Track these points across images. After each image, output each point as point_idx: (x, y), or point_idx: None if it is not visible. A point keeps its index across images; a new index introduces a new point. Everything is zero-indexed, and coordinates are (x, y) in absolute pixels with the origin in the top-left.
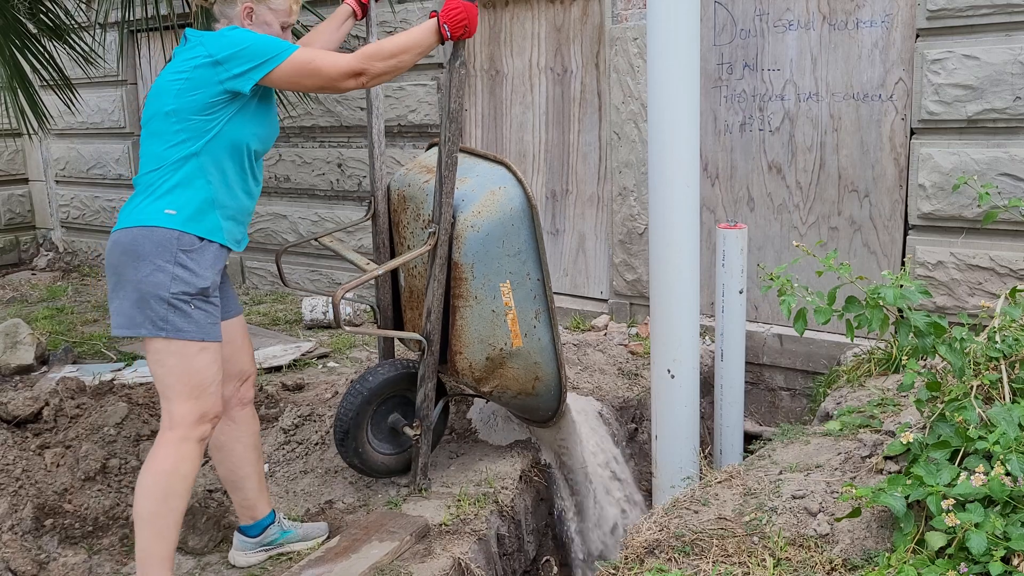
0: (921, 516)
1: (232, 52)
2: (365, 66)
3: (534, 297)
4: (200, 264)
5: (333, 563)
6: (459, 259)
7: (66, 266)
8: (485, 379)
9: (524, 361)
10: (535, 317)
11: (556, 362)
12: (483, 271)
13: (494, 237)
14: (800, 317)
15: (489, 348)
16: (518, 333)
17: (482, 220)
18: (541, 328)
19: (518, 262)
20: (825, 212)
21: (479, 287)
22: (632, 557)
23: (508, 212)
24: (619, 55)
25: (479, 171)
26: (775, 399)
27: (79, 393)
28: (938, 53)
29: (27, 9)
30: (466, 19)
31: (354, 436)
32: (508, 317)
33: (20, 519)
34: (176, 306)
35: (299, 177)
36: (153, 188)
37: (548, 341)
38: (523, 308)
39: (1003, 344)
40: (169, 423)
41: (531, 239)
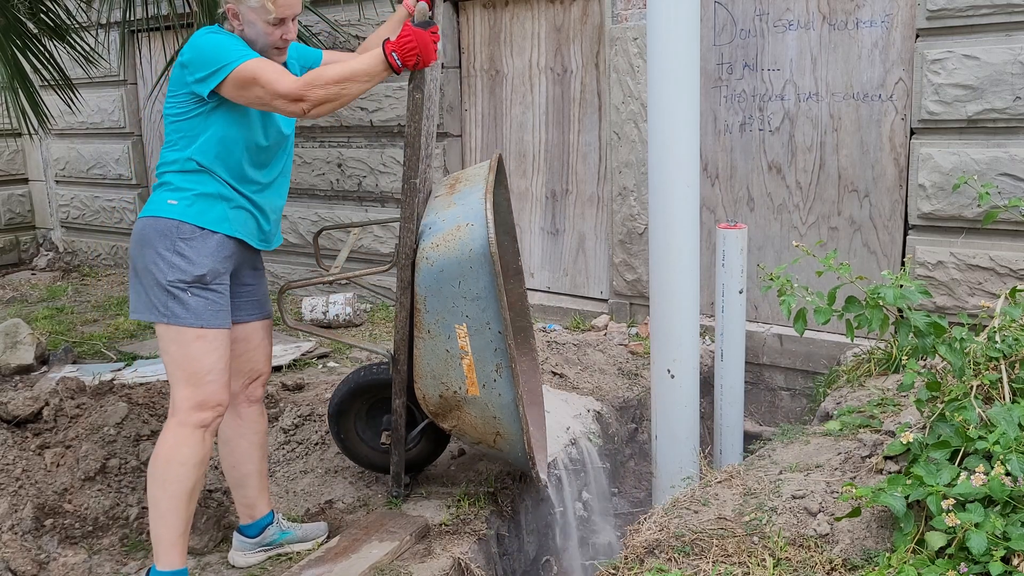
0: (921, 516)
1: (192, 56)
2: (304, 93)
3: (495, 350)
4: (198, 252)
5: (333, 563)
6: (415, 289)
7: (66, 266)
8: (441, 416)
9: (482, 412)
10: (495, 371)
11: (518, 425)
12: (436, 307)
13: (449, 275)
14: (800, 317)
15: (442, 387)
16: (475, 381)
17: (437, 254)
18: (502, 384)
19: (476, 308)
20: (825, 212)
21: (432, 322)
22: (632, 557)
23: (466, 253)
24: (619, 55)
25: (468, 201)
26: (775, 399)
27: (79, 393)
28: (938, 53)
29: (28, 9)
30: (418, 49)
31: (337, 421)
32: (464, 361)
33: (20, 519)
34: (173, 293)
35: (299, 177)
36: (161, 182)
37: (510, 400)
38: (482, 357)
39: (1003, 344)
40: (172, 409)
41: (491, 287)
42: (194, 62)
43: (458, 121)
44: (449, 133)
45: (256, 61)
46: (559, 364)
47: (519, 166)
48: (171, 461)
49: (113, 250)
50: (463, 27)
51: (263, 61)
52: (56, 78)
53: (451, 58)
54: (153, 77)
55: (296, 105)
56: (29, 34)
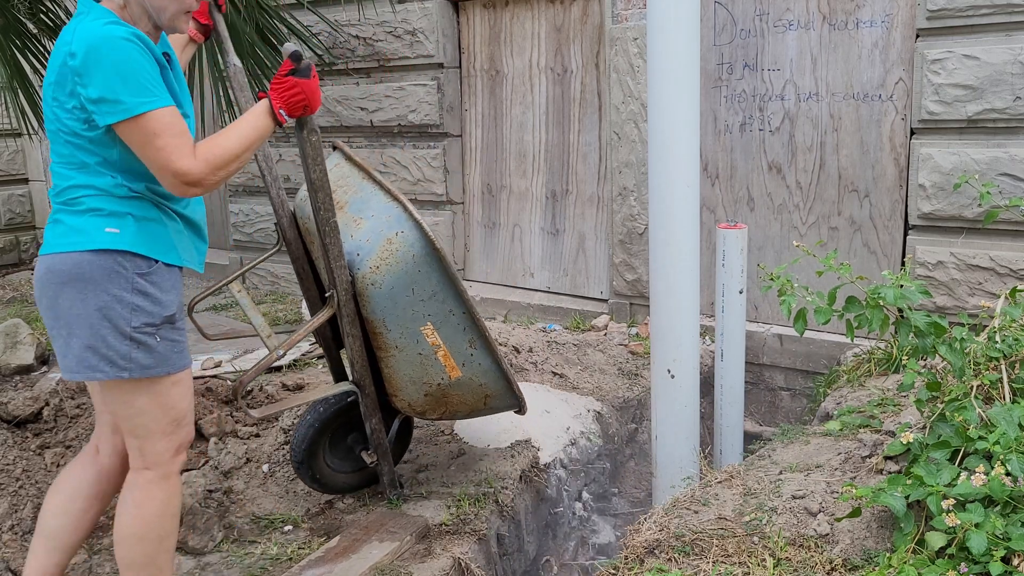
0: (921, 516)
1: (90, 68)
2: (204, 177)
3: (463, 329)
4: (163, 288)
5: (333, 563)
6: (368, 316)
7: None
8: (430, 411)
9: (468, 386)
10: (470, 346)
11: (504, 378)
12: (397, 322)
13: (401, 288)
14: (800, 317)
15: (425, 386)
16: (454, 365)
17: (382, 276)
18: (479, 354)
19: (436, 303)
20: (825, 212)
21: (397, 337)
22: (632, 557)
23: (410, 261)
24: (619, 55)
25: (374, 208)
26: (775, 399)
27: (79, 393)
28: (938, 53)
29: (27, 9)
30: (305, 98)
31: (309, 465)
32: (439, 354)
33: (20, 519)
34: (139, 340)
35: (299, 177)
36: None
37: (490, 363)
38: (454, 342)
39: (1003, 344)
40: (143, 462)
41: (443, 279)
42: (92, 78)
43: (458, 121)
44: (449, 133)
45: (168, 115)
46: (559, 364)
47: (519, 166)
48: (164, 516)
49: None
50: (463, 27)
51: (175, 118)
52: None
53: (451, 58)
54: None
55: (185, 188)
56: (29, 34)
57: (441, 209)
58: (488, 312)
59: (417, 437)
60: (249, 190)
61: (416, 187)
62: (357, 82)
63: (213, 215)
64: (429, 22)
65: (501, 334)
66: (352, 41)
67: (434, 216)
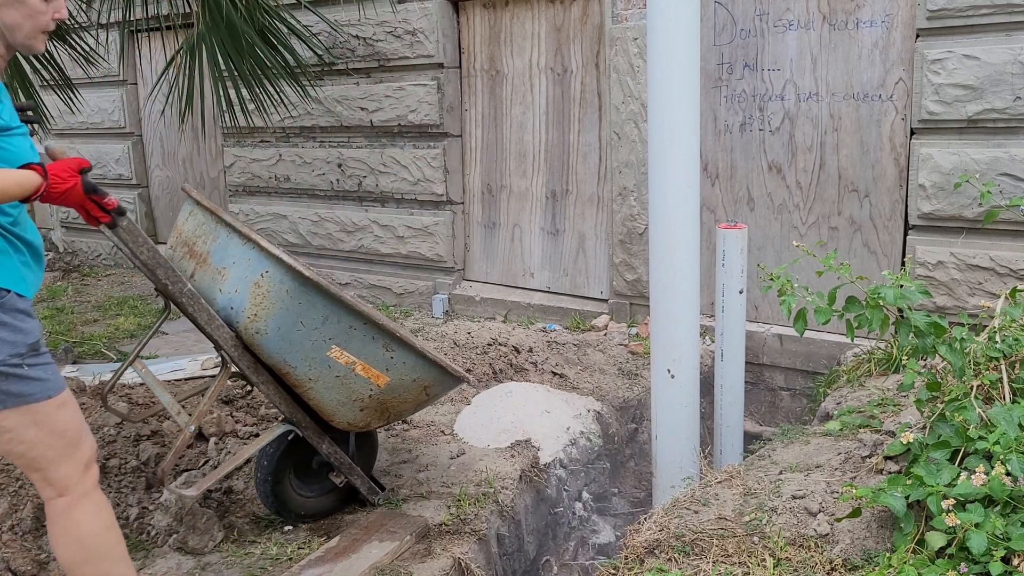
0: (921, 516)
1: None
2: None
3: (372, 338)
4: (20, 317)
5: (333, 563)
6: (268, 360)
7: (66, 266)
8: (374, 421)
9: (402, 386)
10: (386, 351)
11: (435, 365)
12: (300, 357)
13: (289, 326)
14: (800, 317)
15: (358, 403)
16: (378, 374)
17: (264, 322)
18: (400, 354)
19: (332, 326)
20: (825, 212)
21: (307, 370)
22: (632, 557)
23: (286, 298)
24: (619, 55)
25: (234, 254)
26: (775, 399)
27: (79, 393)
28: (938, 53)
29: None
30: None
31: (287, 508)
32: (357, 370)
33: (20, 519)
34: (9, 372)
35: (299, 177)
36: None
37: (415, 358)
38: (368, 353)
39: (1003, 344)
40: (54, 491)
41: (328, 301)
42: None
43: (458, 121)
44: (449, 133)
45: None
46: (559, 364)
47: (519, 166)
48: (98, 534)
49: (113, 250)
50: (463, 27)
51: None
52: (56, 78)
53: (451, 58)
54: (153, 77)
55: None
56: None
57: (441, 209)
58: (488, 312)
59: (416, 437)
60: (249, 190)
61: (416, 187)
62: (357, 82)
63: None
64: (429, 22)
65: (501, 334)
66: (352, 41)
67: (434, 216)
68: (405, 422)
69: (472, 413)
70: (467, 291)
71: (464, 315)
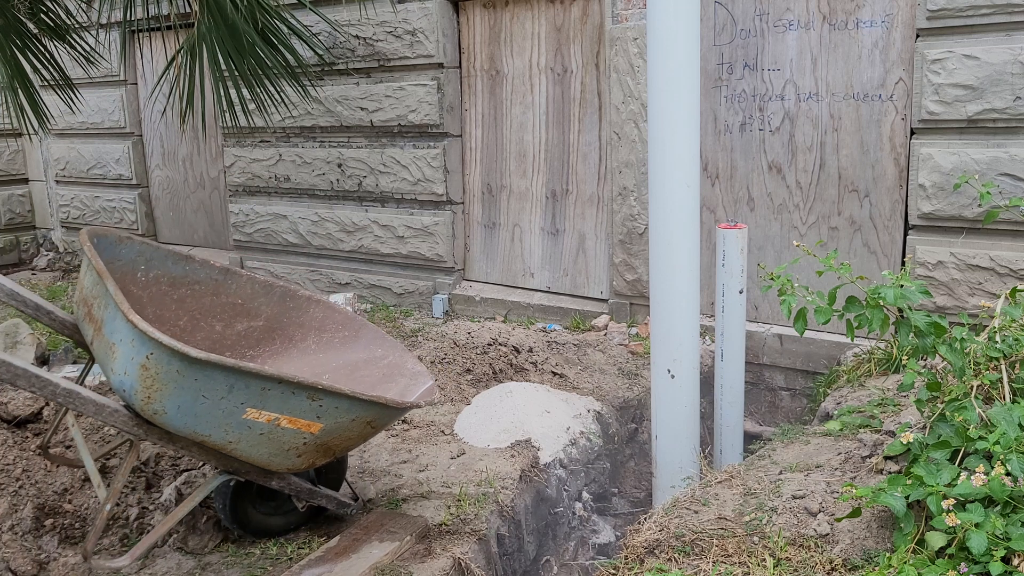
0: (921, 516)
1: None
2: None
3: (292, 393)
4: None
5: (333, 563)
6: (175, 433)
7: (66, 266)
8: (318, 461)
9: (341, 427)
10: (313, 400)
11: (374, 403)
12: (212, 426)
13: (189, 402)
14: (800, 317)
15: (292, 451)
16: (308, 423)
17: (160, 403)
18: (330, 400)
19: (241, 391)
20: (825, 212)
21: (224, 435)
22: (632, 557)
23: (177, 377)
24: (619, 55)
25: (120, 331)
26: (775, 399)
27: None
28: (938, 53)
29: (28, 9)
30: None
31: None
32: (283, 424)
33: (20, 519)
34: None
35: (299, 177)
36: None
37: (347, 402)
38: (291, 407)
39: (1003, 344)
40: None
41: (229, 372)
42: None
43: (458, 121)
44: (449, 133)
45: None
46: (559, 364)
47: (519, 166)
48: None
49: None
50: (463, 27)
51: None
52: (56, 78)
53: (451, 58)
54: (153, 77)
55: None
56: (29, 34)
57: (441, 209)
58: (488, 312)
59: (416, 437)
60: (249, 190)
61: (416, 187)
62: (357, 82)
63: (213, 215)
64: (429, 22)
65: (501, 334)
66: (352, 41)
67: (434, 216)
68: (405, 421)
69: (472, 413)
70: (467, 291)
71: (464, 315)
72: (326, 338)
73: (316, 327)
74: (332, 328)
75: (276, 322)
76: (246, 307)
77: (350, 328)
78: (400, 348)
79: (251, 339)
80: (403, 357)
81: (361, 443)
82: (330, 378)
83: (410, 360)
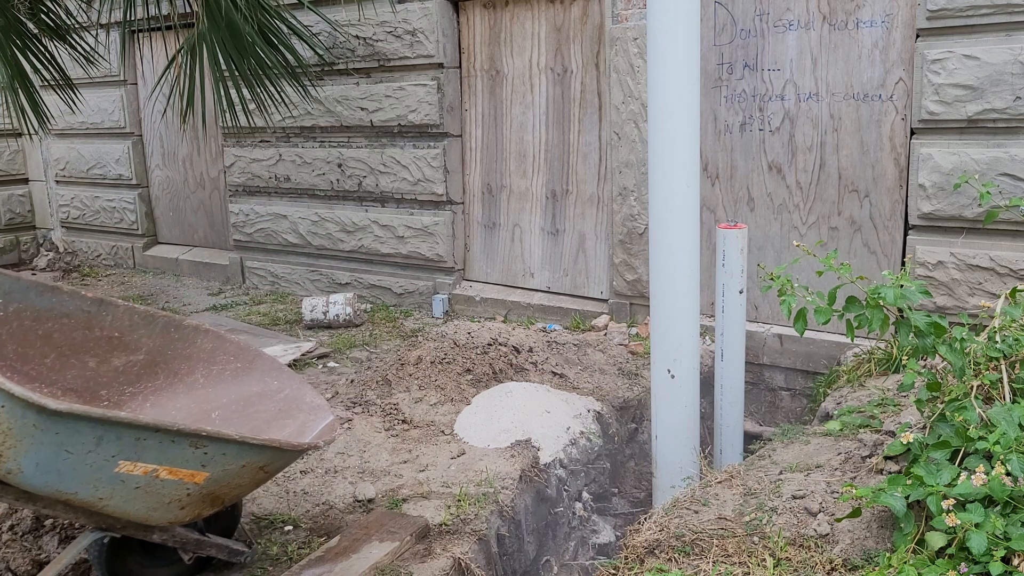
0: (921, 516)
1: None
2: None
3: (172, 441)
4: None
5: (333, 563)
6: (39, 495)
7: (66, 266)
8: (205, 511)
9: (229, 474)
10: (196, 447)
11: (267, 447)
12: (76, 483)
13: (50, 458)
14: (800, 317)
15: (175, 503)
16: (192, 472)
17: (15, 462)
18: (215, 447)
19: (111, 443)
20: (825, 212)
21: (93, 491)
22: (632, 557)
23: (35, 432)
24: (619, 55)
25: None
26: (775, 399)
27: None
28: (938, 53)
29: (28, 9)
30: None
31: None
32: (162, 475)
33: (20, 519)
34: None
35: (299, 177)
36: None
37: (235, 447)
38: (171, 456)
39: (1003, 344)
40: None
41: (98, 424)
42: None
43: (458, 121)
44: (449, 133)
45: None
46: (559, 364)
47: (519, 166)
48: None
49: (113, 250)
50: (463, 27)
51: None
52: (56, 78)
53: (451, 58)
54: (153, 77)
55: None
56: (29, 34)
57: (441, 209)
58: (488, 312)
59: (416, 437)
60: (249, 190)
61: (416, 187)
62: (357, 82)
63: (213, 215)
64: (429, 22)
65: (501, 334)
66: (352, 41)
67: (434, 216)
68: (405, 422)
69: (472, 413)
70: (467, 291)
71: (464, 315)
72: (216, 371)
73: (205, 359)
74: (223, 360)
75: (159, 355)
76: (124, 340)
77: (243, 359)
78: (298, 380)
79: (130, 375)
80: (301, 390)
81: (255, 489)
82: (220, 415)
83: (308, 393)
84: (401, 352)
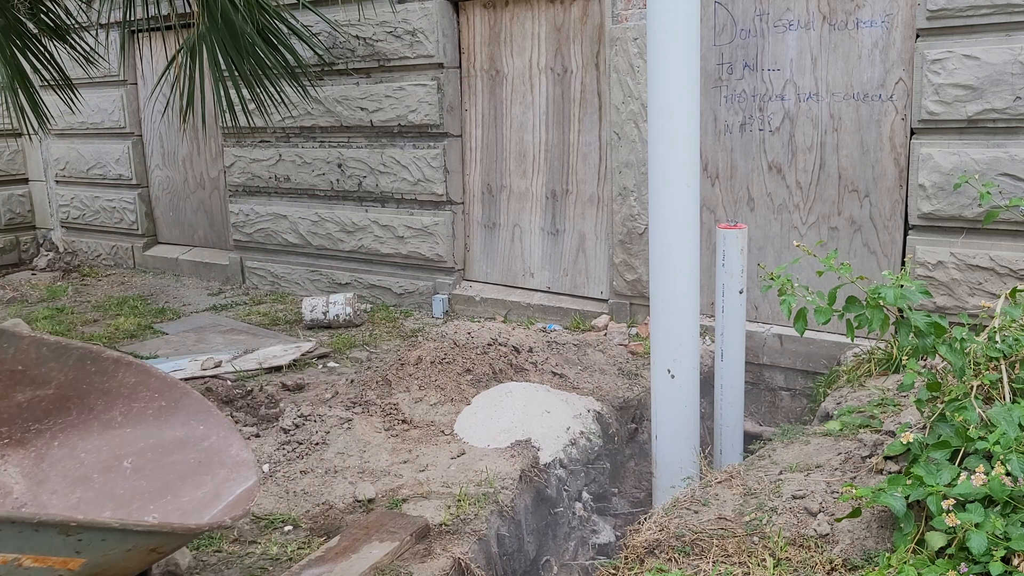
0: (921, 516)
1: None
2: None
3: (35, 530)
4: None
5: (333, 563)
6: None
7: (66, 266)
8: None
9: (112, 559)
10: (67, 534)
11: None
12: None
13: None
14: (800, 317)
15: None
16: (64, 560)
17: None
18: (92, 533)
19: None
20: (825, 212)
21: None
22: (632, 557)
23: None
24: (619, 55)
25: None
26: (775, 399)
27: None
28: (938, 53)
29: (28, 9)
30: None
31: None
32: (26, 563)
33: None
34: None
35: (299, 177)
36: None
37: (116, 533)
38: (36, 545)
39: (1003, 344)
40: None
41: None
42: None
43: (458, 121)
44: (449, 133)
45: None
46: (559, 364)
47: (519, 166)
48: None
49: (113, 250)
50: (463, 27)
51: None
52: (56, 78)
53: (451, 58)
54: (153, 77)
55: None
56: (29, 34)
57: (441, 209)
58: (488, 312)
59: (416, 437)
60: (249, 190)
61: (416, 187)
62: (357, 82)
63: (213, 215)
64: (429, 22)
65: (501, 334)
66: (352, 41)
67: (434, 216)
68: (405, 422)
69: (472, 413)
70: (467, 291)
71: (464, 315)
72: (137, 408)
73: (126, 395)
74: (145, 397)
75: (72, 389)
76: (30, 374)
77: (168, 397)
78: (227, 426)
79: (36, 411)
80: (228, 439)
81: (148, 566)
82: (133, 464)
83: (236, 443)
84: (401, 352)
